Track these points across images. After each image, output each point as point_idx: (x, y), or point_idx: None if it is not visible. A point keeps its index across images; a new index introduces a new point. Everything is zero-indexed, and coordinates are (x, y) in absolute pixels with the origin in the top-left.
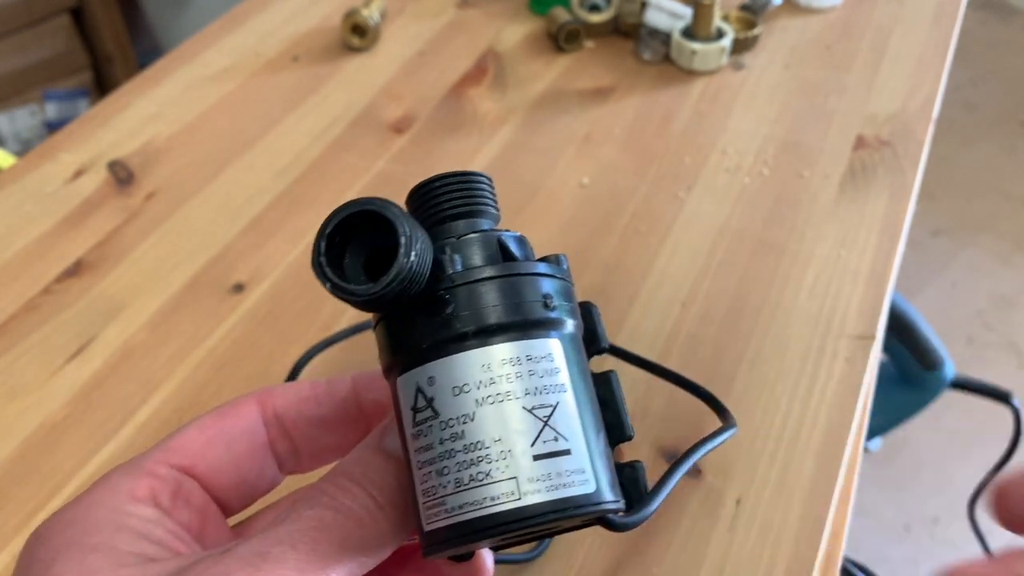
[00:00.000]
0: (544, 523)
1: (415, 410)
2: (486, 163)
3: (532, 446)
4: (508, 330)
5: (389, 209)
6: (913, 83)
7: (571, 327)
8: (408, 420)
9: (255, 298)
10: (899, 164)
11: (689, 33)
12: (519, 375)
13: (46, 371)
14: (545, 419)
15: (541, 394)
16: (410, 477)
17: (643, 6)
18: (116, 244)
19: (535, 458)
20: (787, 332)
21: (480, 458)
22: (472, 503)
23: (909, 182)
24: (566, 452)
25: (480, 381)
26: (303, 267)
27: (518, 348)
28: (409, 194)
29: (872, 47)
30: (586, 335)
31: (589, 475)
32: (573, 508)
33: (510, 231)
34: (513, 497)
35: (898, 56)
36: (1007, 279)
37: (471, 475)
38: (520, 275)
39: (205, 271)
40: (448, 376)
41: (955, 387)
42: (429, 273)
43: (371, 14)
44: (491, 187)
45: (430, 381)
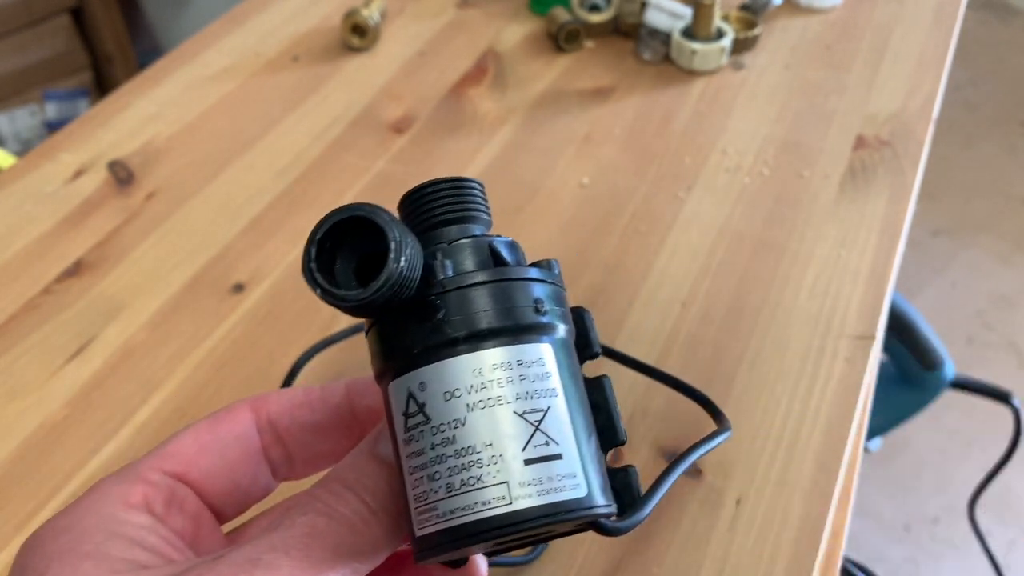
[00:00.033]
0: (535, 527)
1: (407, 415)
2: (486, 163)
3: (523, 451)
4: (499, 335)
5: (379, 215)
6: (913, 83)
7: (562, 332)
8: (400, 425)
9: (255, 298)
10: (899, 164)
11: (689, 33)
12: (510, 380)
13: (46, 371)
14: (536, 423)
15: (532, 399)
16: (402, 482)
17: (643, 6)
18: (116, 244)
19: (526, 463)
20: (787, 332)
21: (471, 463)
22: (463, 508)
23: (909, 182)
24: (557, 456)
25: (471, 386)
26: None
27: (509, 353)
28: (401, 200)
29: (872, 47)
30: (579, 340)
31: (580, 479)
32: (564, 512)
33: (502, 236)
34: (504, 502)
35: (898, 56)
36: (1007, 279)
37: (462, 480)
38: (511, 280)
39: (205, 271)
40: (439, 381)
41: (955, 387)
42: (420, 278)
43: (371, 14)
44: (483, 193)
45: (421, 386)
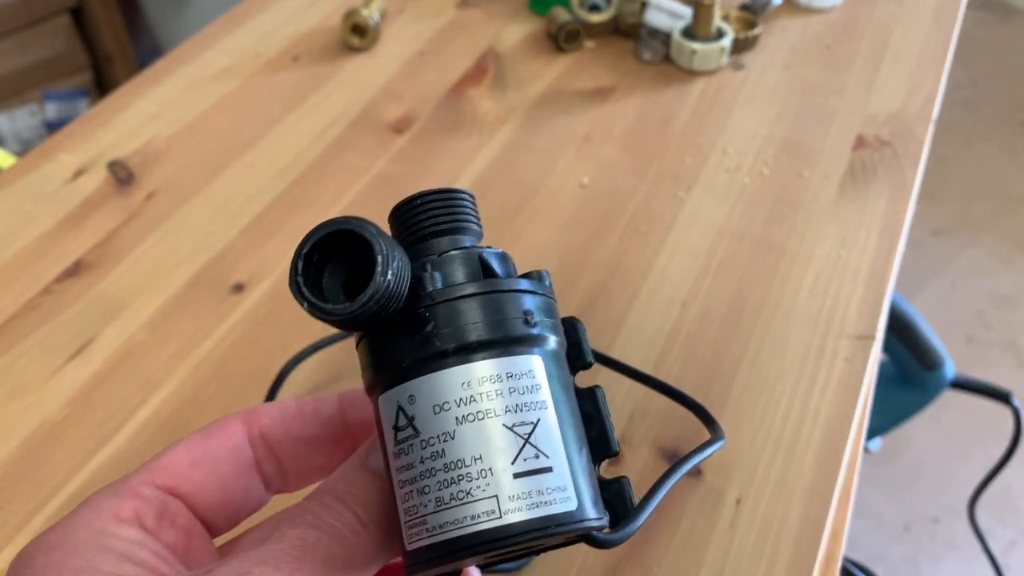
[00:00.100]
0: (525, 541)
1: (396, 428)
2: (486, 163)
3: (513, 464)
4: (488, 347)
5: (366, 228)
6: (913, 83)
7: (553, 343)
8: (390, 438)
9: (255, 298)
10: (899, 164)
11: (689, 33)
12: (500, 392)
13: (46, 371)
14: (526, 436)
15: (522, 411)
16: (393, 495)
17: (643, 6)
18: (116, 244)
19: (516, 476)
20: (787, 332)
21: (461, 476)
22: (453, 522)
23: (909, 182)
24: (547, 470)
25: (460, 399)
26: None
27: (499, 365)
28: (391, 212)
29: (872, 47)
30: (571, 350)
31: (571, 492)
32: (555, 526)
33: (492, 248)
34: (494, 516)
35: (898, 56)
36: (1007, 279)
37: (452, 494)
38: (501, 292)
39: (205, 271)
40: (429, 394)
41: (955, 387)
42: (408, 291)
43: (371, 14)
44: (473, 204)
45: (411, 399)
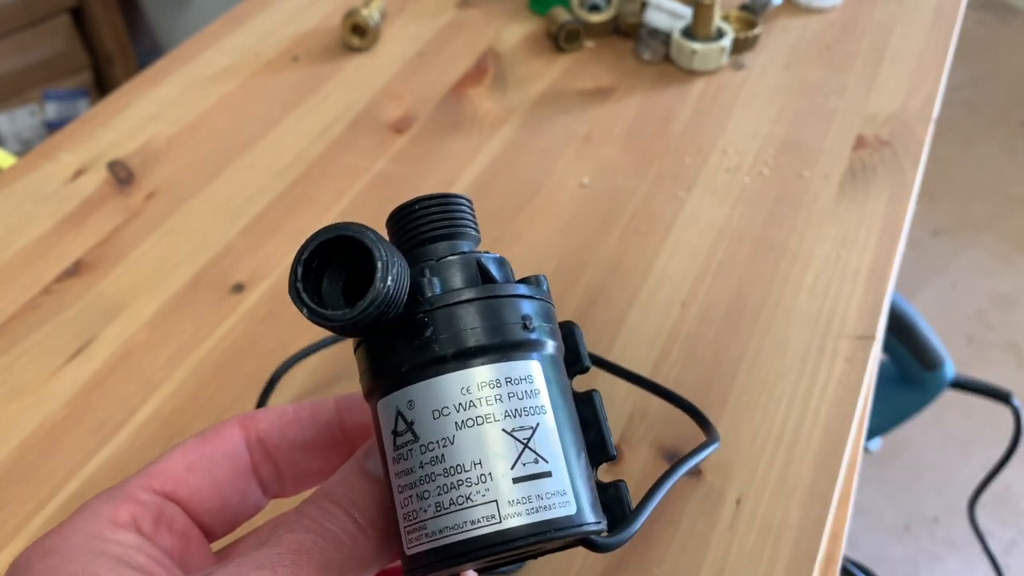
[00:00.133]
0: (525, 546)
1: (395, 434)
2: (486, 163)
3: (512, 469)
4: (487, 352)
5: (365, 234)
6: (913, 83)
7: (551, 348)
8: (389, 444)
9: (255, 298)
10: (899, 164)
11: (689, 33)
12: (499, 397)
13: (46, 371)
14: (525, 441)
15: (521, 416)
16: (392, 500)
17: (643, 6)
18: (116, 244)
19: (515, 481)
20: (787, 332)
21: (460, 482)
22: (452, 527)
23: (909, 182)
24: (546, 474)
25: (459, 404)
26: None
27: (497, 370)
28: (389, 217)
29: (872, 47)
30: (568, 355)
31: (570, 496)
32: (554, 530)
33: (490, 253)
34: (493, 520)
35: (898, 56)
36: (1007, 279)
37: (451, 499)
38: (499, 297)
39: (205, 271)
40: (428, 399)
41: (955, 387)
42: (407, 296)
43: (371, 14)
44: (471, 209)
45: (410, 405)
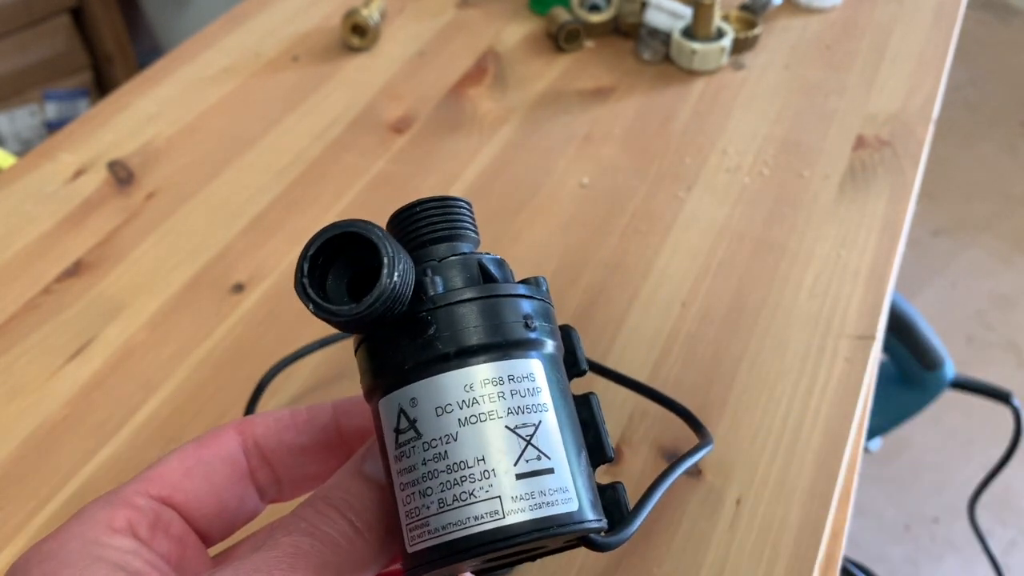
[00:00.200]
0: (528, 542)
1: (398, 431)
2: (486, 163)
3: (515, 465)
4: (489, 350)
5: (372, 231)
6: (913, 83)
7: (551, 348)
8: (391, 442)
9: (255, 298)
10: (899, 164)
11: (689, 33)
12: (501, 395)
13: (46, 371)
14: (528, 438)
15: (523, 413)
16: (393, 499)
17: (643, 6)
18: (116, 244)
19: (518, 477)
20: (787, 332)
21: (463, 478)
22: (455, 523)
23: (909, 182)
24: (549, 471)
25: (462, 401)
26: None
27: (500, 368)
28: (390, 218)
29: (872, 47)
30: (566, 357)
31: (572, 493)
32: (556, 527)
33: (490, 254)
34: (496, 516)
35: (898, 56)
36: (1007, 279)
37: (454, 495)
38: (500, 296)
39: (205, 271)
40: (431, 397)
41: (955, 387)
42: (411, 294)
43: (371, 14)
44: (470, 212)
45: (412, 402)
